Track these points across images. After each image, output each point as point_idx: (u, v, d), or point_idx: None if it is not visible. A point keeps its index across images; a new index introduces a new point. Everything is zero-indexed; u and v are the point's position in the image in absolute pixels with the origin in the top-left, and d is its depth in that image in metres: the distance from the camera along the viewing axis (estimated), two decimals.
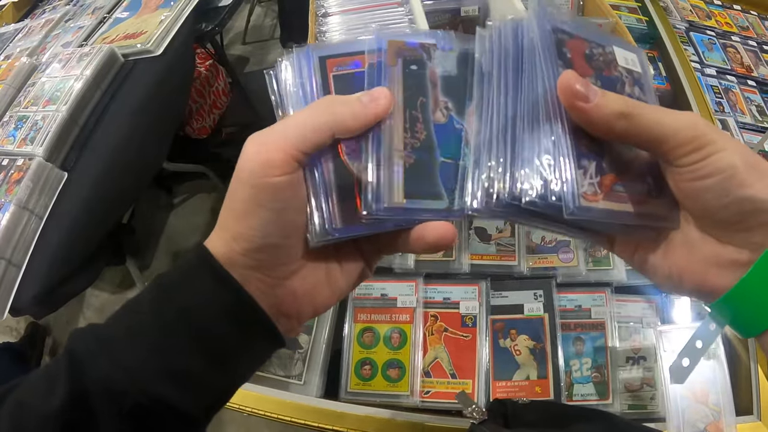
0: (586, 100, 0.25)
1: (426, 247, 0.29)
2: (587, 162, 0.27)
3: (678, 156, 0.25)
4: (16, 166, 1.06)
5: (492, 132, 0.29)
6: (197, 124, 1.93)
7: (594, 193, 0.26)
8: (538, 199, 0.25)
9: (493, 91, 0.30)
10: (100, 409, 0.26)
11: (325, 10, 0.79)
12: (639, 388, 0.68)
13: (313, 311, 0.31)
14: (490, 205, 0.27)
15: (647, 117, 0.25)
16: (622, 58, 0.31)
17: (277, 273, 0.28)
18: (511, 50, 0.29)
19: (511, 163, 0.27)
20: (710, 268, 0.27)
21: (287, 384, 0.69)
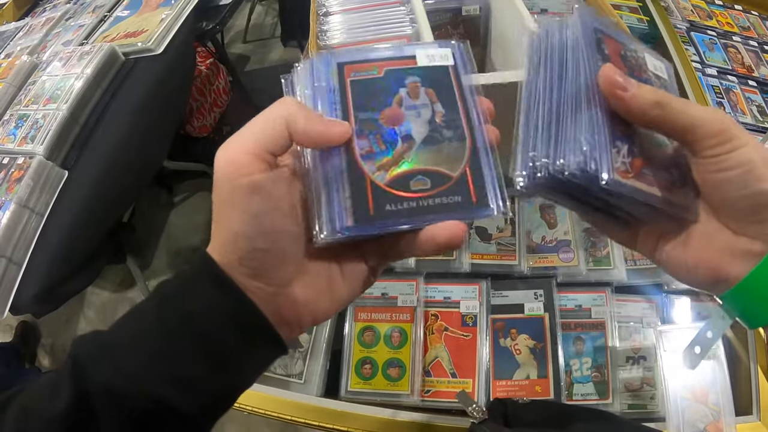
0: (624, 90, 0.28)
1: (436, 248, 0.29)
2: (620, 144, 0.29)
3: (704, 147, 0.28)
4: (16, 164, 1.06)
5: (538, 117, 0.31)
6: (198, 122, 1.93)
7: (626, 171, 0.28)
8: (578, 171, 0.28)
9: (540, 81, 0.32)
10: (103, 414, 0.26)
11: (326, 9, 0.79)
12: (639, 387, 0.68)
13: (312, 319, 0.31)
14: (536, 180, 0.29)
15: (678, 107, 0.28)
16: (652, 65, 0.33)
17: (274, 280, 0.28)
18: (557, 45, 0.33)
19: (554, 142, 0.29)
20: (725, 258, 0.29)
21: (288, 383, 0.69)
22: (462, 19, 0.83)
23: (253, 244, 0.27)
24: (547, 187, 0.30)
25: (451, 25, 0.83)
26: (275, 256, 0.28)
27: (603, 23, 0.32)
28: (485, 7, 0.82)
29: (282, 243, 0.28)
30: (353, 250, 0.31)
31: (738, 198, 0.27)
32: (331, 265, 0.31)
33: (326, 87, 0.32)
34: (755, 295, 0.27)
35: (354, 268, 0.31)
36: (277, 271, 0.28)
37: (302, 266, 0.30)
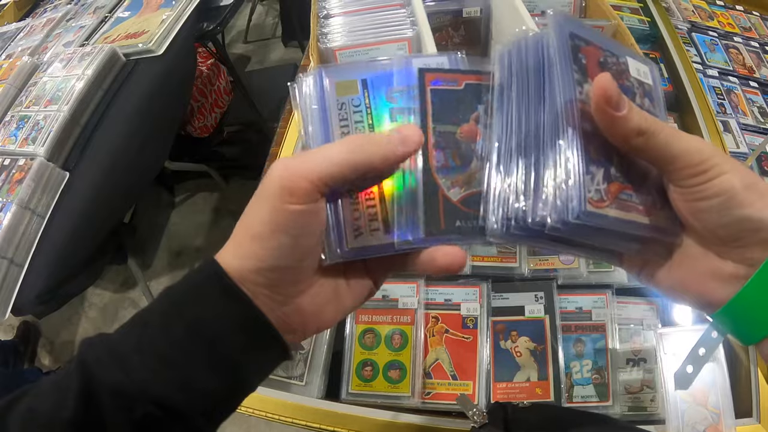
0: (617, 109, 0.26)
1: (436, 270, 0.30)
2: (595, 168, 0.27)
3: (683, 177, 0.27)
4: (17, 165, 1.07)
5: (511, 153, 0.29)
6: (199, 123, 1.93)
7: (600, 199, 0.27)
8: (560, 225, 0.26)
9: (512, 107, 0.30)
10: (110, 418, 0.26)
11: (326, 12, 0.79)
12: (639, 390, 0.68)
13: (317, 328, 0.31)
14: (510, 231, 0.28)
15: (662, 138, 0.27)
16: (635, 69, 0.31)
17: (286, 292, 0.29)
18: (532, 62, 0.30)
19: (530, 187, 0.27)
20: (710, 282, 0.28)
21: (288, 385, 0.69)
22: (463, 21, 0.83)
23: (279, 263, 0.27)
24: (523, 236, 0.28)
25: (452, 27, 0.83)
26: (295, 272, 0.29)
27: (580, 27, 0.30)
28: (486, 8, 0.82)
29: (306, 262, 0.29)
30: (359, 264, 0.32)
31: (720, 225, 0.27)
32: (338, 277, 0.31)
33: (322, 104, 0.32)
34: (742, 316, 0.27)
35: (359, 280, 0.32)
36: (292, 285, 0.29)
37: (312, 280, 0.30)
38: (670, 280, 0.30)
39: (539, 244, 0.29)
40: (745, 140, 1.00)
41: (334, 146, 0.28)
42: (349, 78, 0.32)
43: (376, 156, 0.28)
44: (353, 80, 0.32)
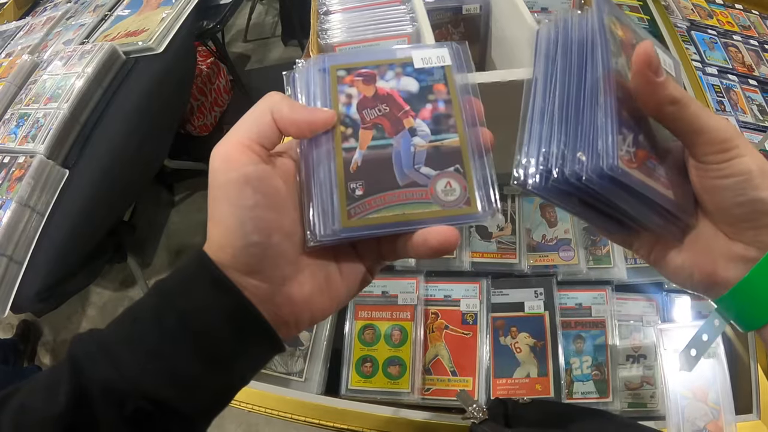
0: (657, 74, 0.27)
1: (429, 251, 0.29)
2: (626, 132, 0.29)
3: (706, 153, 0.28)
4: (17, 163, 1.07)
5: (553, 112, 0.31)
6: (198, 121, 1.94)
7: (630, 159, 0.28)
8: (595, 176, 0.27)
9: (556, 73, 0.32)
10: (101, 413, 0.26)
11: (326, 8, 0.79)
12: (639, 386, 0.68)
13: (310, 319, 0.31)
14: (549, 182, 0.29)
15: (693, 110, 0.28)
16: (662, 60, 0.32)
17: (270, 278, 0.28)
18: (576, 37, 0.32)
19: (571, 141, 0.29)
20: (720, 262, 0.29)
21: (288, 381, 0.69)
22: (462, 18, 0.83)
23: (247, 239, 0.27)
24: (559, 189, 0.29)
25: (452, 24, 0.83)
26: (270, 252, 0.28)
27: (618, 11, 0.32)
28: (486, 5, 0.82)
29: (276, 239, 0.28)
30: (350, 249, 0.32)
31: (734, 205, 0.28)
32: (328, 264, 0.31)
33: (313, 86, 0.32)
34: (749, 299, 0.28)
35: (351, 267, 0.32)
36: (273, 268, 0.28)
37: (299, 265, 0.30)
38: (679, 262, 0.31)
39: (568, 204, 0.31)
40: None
41: (257, 105, 0.30)
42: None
43: (283, 103, 0.29)
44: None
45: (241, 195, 0.27)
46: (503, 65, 0.83)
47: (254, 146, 0.28)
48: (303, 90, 0.33)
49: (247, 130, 0.28)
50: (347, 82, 0.32)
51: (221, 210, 0.27)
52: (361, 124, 0.31)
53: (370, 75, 0.33)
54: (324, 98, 0.32)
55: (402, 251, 0.30)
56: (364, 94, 0.32)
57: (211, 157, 0.28)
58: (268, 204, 0.28)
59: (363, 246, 0.32)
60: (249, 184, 0.27)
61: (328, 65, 0.33)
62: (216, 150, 0.28)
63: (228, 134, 0.29)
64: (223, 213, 0.27)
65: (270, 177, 0.28)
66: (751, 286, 0.28)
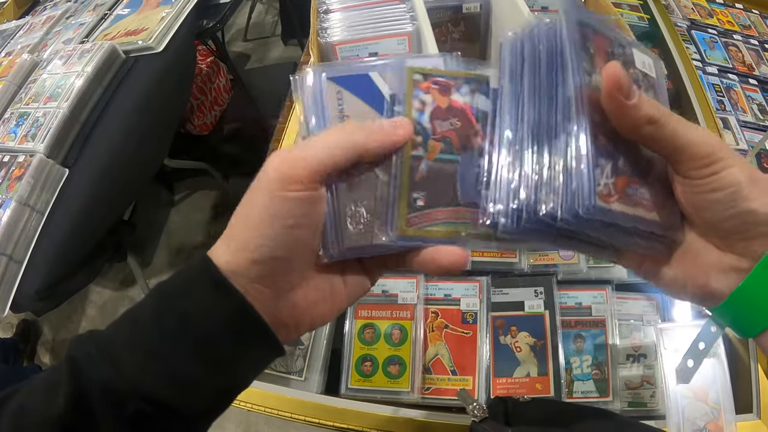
0: (628, 97, 0.26)
1: (438, 270, 0.29)
2: (603, 161, 0.27)
3: (692, 168, 0.27)
4: (17, 162, 1.07)
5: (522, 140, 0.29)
6: (198, 120, 1.93)
7: (609, 193, 0.27)
8: (571, 217, 0.26)
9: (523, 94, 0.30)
10: (101, 415, 0.26)
11: (326, 7, 0.79)
12: (639, 385, 0.68)
13: (310, 324, 0.31)
14: (521, 225, 0.27)
15: (672, 127, 0.27)
16: (640, 61, 0.31)
17: (278, 285, 0.28)
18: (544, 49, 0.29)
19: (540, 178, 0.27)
20: (711, 275, 0.29)
21: (288, 380, 0.69)
22: (462, 17, 0.83)
23: (273, 252, 0.27)
24: (532, 230, 0.28)
25: (452, 22, 0.83)
26: (288, 265, 0.28)
27: (588, 16, 0.29)
28: (486, 4, 0.82)
29: (299, 254, 0.28)
30: (356, 261, 0.32)
31: (724, 218, 0.27)
32: (333, 275, 0.31)
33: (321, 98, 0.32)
34: (744, 307, 0.28)
35: (355, 277, 0.32)
36: (284, 278, 0.28)
37: (307, 275, 0.30)
38: (671, 275, 0.30)
39: (545, 242, 0.29)
40: (744, 137, 1.00)
41: (327, 133, 0.28)
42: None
43: (368, 138, 0.28)
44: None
45: (289, 214, 0.27)
46: None
47: (320, 174, 0.27)
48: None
49: (323, 157, 0.27)
50: (423, 88, 0.31)
51: (259, 219, 0.27)
52: (431, 134, 0.30)
53: (446, 85, 0.32)
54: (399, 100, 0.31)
55: (409, 263, 0.30)
56: (438, 104, 0.31)
57: (270, 164, 0.27)
58: (308, 225, 0.28)
59: (370, 259, 0.32)
60: (301, 207, 0.27)
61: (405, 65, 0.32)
62: (278, 161, 0.27)
63: (298, 148, 0.27)
64: (261, 222, 0.27)
65: (320, 201, 0.28)
66: (745, 296, 0.27)
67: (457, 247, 0.29)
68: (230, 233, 0.28)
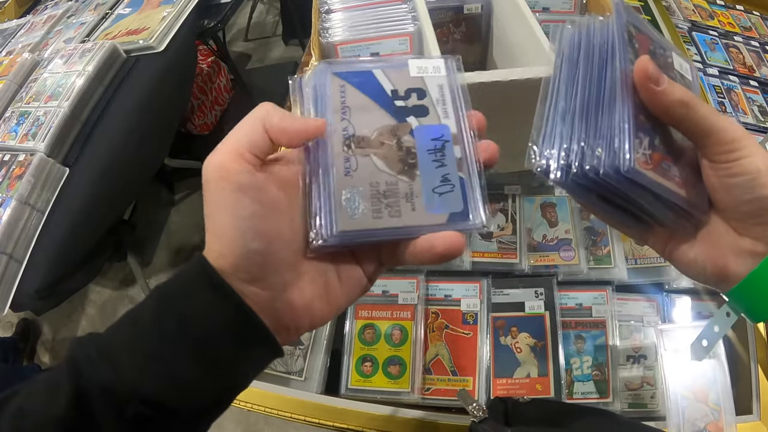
0: (657, 84, 0.29)
1: (434, 257, 0.29)
2: (643, 135, 0.30)
3: (717, 152, 0.30)
4: (17, 161, 1.07)
5: (575, 110, 0.32)
6: (199, 120, 1.93)
7: (645, 161, 0.30)
8: (612, 170, 0.29)
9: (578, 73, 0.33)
10: (101, 416, 0.26)
11: (328, 7, 0.79)
12: (639, 386, 0.68)
13: (310, 324, 0.31)
14: (570, 176, 0.31)
15: (702, 111, 0.30)
16: (678, 64, 0.35)
17: (270, 284, 0.28)
18: (598, 41, 0.34)
19: (590, 137, 0.31)
20: (730, 257, 0.31)
21: (288, 380, 0.69)
22: (464, 18, 0.83)
23: (248, 247, 0.27)
24: (578, 184, 0.31)
25: (453, 23, 0.83)
26: (270, 260, 0.28)
27: (637, 18, 0.34)
28: (487, 5, 0.82)
29: (276, 246, 0.28)
30: (348, 256, 0.32)
31: (743, 202, 0.30)
32: (327, 270, 0.31)
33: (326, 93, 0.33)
34: (758, 291, 0.30)
35: (350, 274, 0.32)
36: (274, 275, 0.28)
37: (299, 271, 0.30)
38: (692, 254, 0.33)
39: (585, 197, 0.32)
40: None
41: (246, 117, 0.30)
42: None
43: (274, 113, 0.29)
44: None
45: (237, 205, 0.27)
46: (504, 65, 0.83)
47: (246, 155, 0.28)
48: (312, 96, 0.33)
49: (239, 139, 0.28)
50: None
51: (220, 220, 0.27)
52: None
53: None
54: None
55: (402, 257, 0.30)
56: None
57: (204, 167, 0.28)
58: (265, 212, 0.28)
59: (362, 252, 0.32)
60: (245, 194, 0.27)
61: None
62: (209, 160, 0.28)
63: (220, 144, 0.29)
64: (222, 223, 0.27)
65: (265, 185, 0.28)
66: (759, 280, 0.29)
67: (451, 231, 0.29)
68: (208, 243, 0.28)
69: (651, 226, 0.34)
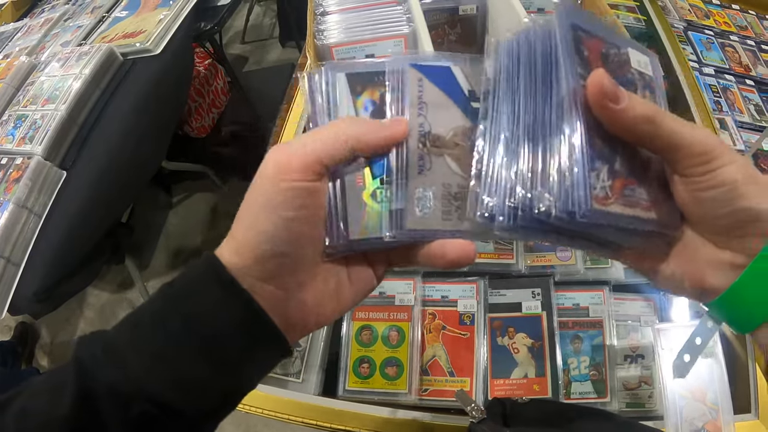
0: (617, 101, 0.26)
1: (446, 264, 0.29)
2: (600, 164, 0.27)
3: (689, 166, 0.27)
4: (14, 164, 1.06)
5: (517, 142, 0.29)
6: (196, 123, 1.93)
7: (605, 196, 0.27)
8: (565, 214, 0.26)
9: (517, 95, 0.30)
10: (107, 416, 0.26)
11: (323, 9, 0.79)
12: (637, 386, 0.68)
13: (316, 323, 0.31)
14: (517, 221, 0.27)
15: (669, 125, 0.27)
16: (636, 61, 0.31)
17: (287, 284, 0.28)
18: (540, 51, 0.29)
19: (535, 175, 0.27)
20: (708, 271, 0.29)
21: (285, 382, 0.69)
22: (459, 19, 0.83)
23: (276, 248, 0.27)
24: (528, 228, 0.28)
25: (448, 24, 0.83)
26: (293, 260, 0.28)
27: (582, 18, 0.29)
28: (482, 6, 0.82)
29: (303, 250, 0.28)
30: (361, 257, 0.32)
31: (721, 215, 0.27)
32: (339, 271, 0.31)
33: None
34: (740, 303, 0.28)
35: (361, 274, 0.32)
36: (292, 276, 0.28)
37: (314, 272, 0.30)
38: (669, 272, 0.31)
39: (541, 237, 0.29)
40: (741, 138, 1.00)
41: (325, 126, 0.29)
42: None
43: (365, 130, 0.29)
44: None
45: (286, 206, 0.27)
46: None
47: (318, 165, 0.27)
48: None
49: (316, 146, 0.28)
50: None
51: (259, 214, 0.27)
52: None
53: None
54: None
55: (415, 259, 0.30)
56: None
57: (267, 159, 0.28)
58: (308, 218, 0.28)
59: (375, 254, 0.32)
60: (299, 199, 0.27)
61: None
62: (275, 155, 0.28)
63: (294, 142, 0.28)
64: (260, 217, 0.27)
65: (319, 193, 0.28)
66: (741, 291, 0.28)
67: (465, 240, 0.29)
68: (233, 232, 0.28)
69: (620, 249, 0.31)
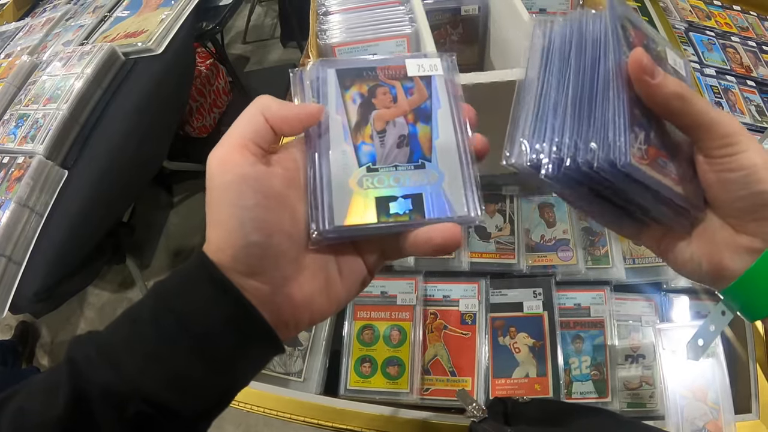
0: (653, 76, 0.29)
1: (433, 249, 0.29)
2: (638, 130, 0.30)
3: (713, 147, 0.30)
4: (16, 164, 1.07)
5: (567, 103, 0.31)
6: (197, 122, 1.94)
7: (642, 156, 0.29)
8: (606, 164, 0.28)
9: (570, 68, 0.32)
10: (101, 416, 0.26)
11: (326, 9, 0.80)
12: (638, 386, 0.68)
13: (310, 320, 0.31)
14: (562, 169, 0.29)
15: (698, 104, 0.29)
16: (672, 59, 0.34)
17: (270, 279, 0.28)
18: (590, 35, 0.33)
19: (582, 130, 0.30)
20: (726, 253, 0.30)
21: (287, 381, 0.69)
22: (461, 19, 0.83)
23: (247, 239, 0.27)
24: (571, 178, 0.30)
25: (451, 24, 0.83)
26: (270, 252, 0.28)
27: (630, 13, 0.33)
28: (484, 6, 0.82)
29: (277, 238, 0.28)
30: (350, 248, 0.32)
31: (739, 197, 0.29)
32: (328, 264, 0.31)
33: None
34: (755, 289, 0.29)
35: (352, 267, 0.32)
36: (274, 269, 0.28)
37: (299, 265, 0.29)
38: (688, 253, 0.32)
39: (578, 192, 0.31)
40: None
41: (245, 112, 0.30)
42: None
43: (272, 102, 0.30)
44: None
45: (239, 196, 0.27)
46: (501, 65, 0.83)
47: (250, 146, 0.28)
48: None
49: (241, 131, 0.29)
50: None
51: (220, 212, 0.27)
52: None
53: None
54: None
55: (404, 249, 0.30)
56: None
57: (208, 161, 0.28)
58: (267, 204, 0.28)
59: (364, 245, 0.32)
60: (247, 185, 0.27)
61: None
62: (212, 154, 0.28)
63: (223, 138, 0.29)
64: (222, 214, 0.27)
65: (268, 177, 0.28)
66: (755, 277, 0.29)
67: (449, 224, 0.29)
68: (208, 237, 0.28)
69: (645, 223, 0.34)
